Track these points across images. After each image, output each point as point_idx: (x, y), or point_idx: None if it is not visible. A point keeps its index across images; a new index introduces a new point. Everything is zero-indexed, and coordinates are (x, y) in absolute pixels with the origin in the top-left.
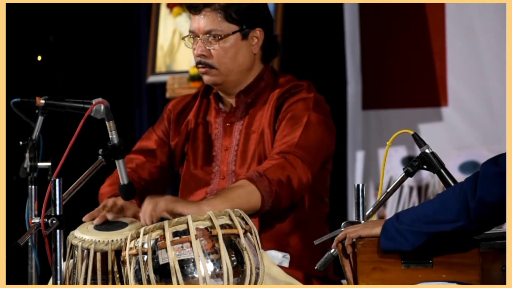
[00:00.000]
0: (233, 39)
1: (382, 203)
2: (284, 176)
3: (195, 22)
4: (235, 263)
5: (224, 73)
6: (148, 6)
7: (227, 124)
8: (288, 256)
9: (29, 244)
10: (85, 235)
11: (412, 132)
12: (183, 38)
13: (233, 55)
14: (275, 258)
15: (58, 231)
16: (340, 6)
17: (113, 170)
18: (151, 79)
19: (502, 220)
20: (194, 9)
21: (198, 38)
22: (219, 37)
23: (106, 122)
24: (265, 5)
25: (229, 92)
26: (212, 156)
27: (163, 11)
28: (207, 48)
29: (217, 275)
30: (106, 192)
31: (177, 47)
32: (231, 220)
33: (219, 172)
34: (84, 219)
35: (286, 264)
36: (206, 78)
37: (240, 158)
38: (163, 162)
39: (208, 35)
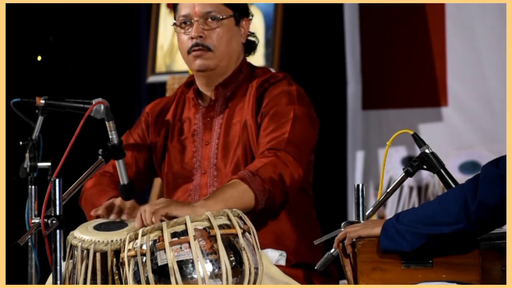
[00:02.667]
0: (229, 23)
1: (382, 203)
2: (277, 174)
3: (188, 6)
4: (233, 263)
5: (218, 56)
6: (148, 6)
7: (207, 119)
8: (284, 254)
9: (29, 244)
10: (85, 235)
11: (412, 132)
12: (173, 25)
13: (228, 39)
14: (272, 257)
15: (58, 231)
16: (340, 6)
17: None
18: (151, 79)
19: (502, 222)
20: None
21: (192, 22)
22: (219, 18)
23: (106, 122)
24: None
25: (212, 82)
26: (193, 152)
27: (163, 11)
28: (205, 30)
29: (216, 276)
30: (93, 193)
31: (177, 47)
32: (229, 220)
33: (200, 167)
34: (93, 213)
35: (283, 262)
36: (198, 62)
37: (221, 151)
38: (139, 167)
39: (205, 17)
